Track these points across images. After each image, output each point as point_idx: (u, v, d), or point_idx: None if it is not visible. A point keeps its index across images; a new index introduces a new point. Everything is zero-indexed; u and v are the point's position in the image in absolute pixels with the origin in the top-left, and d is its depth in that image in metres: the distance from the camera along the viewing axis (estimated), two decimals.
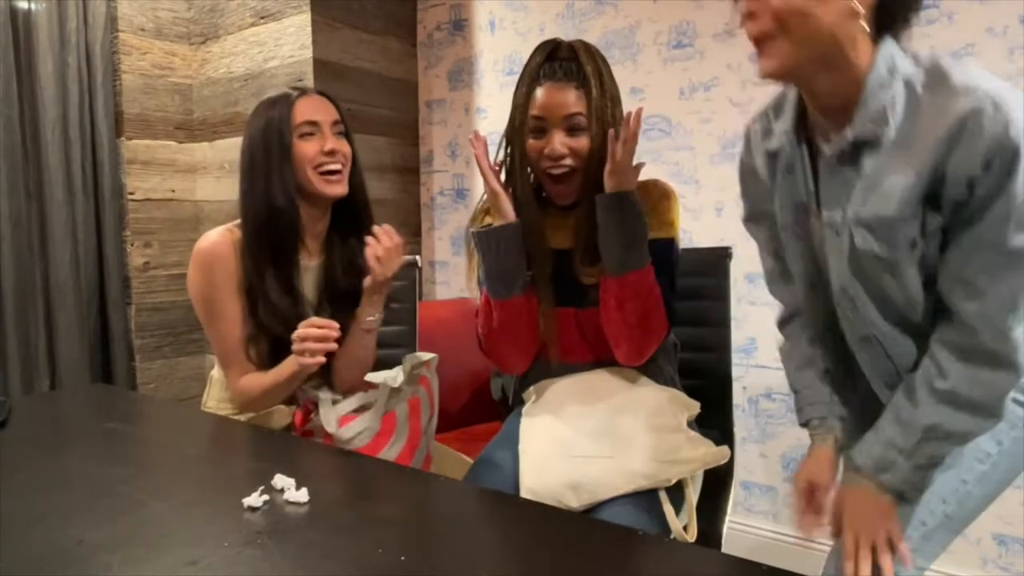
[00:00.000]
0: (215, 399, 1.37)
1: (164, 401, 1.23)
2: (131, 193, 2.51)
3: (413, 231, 2.80)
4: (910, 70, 0.82)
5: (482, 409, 2.06)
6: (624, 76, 2.24)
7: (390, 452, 1.32)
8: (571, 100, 1.20)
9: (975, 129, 0.75)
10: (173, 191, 2.63)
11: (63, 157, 2.34)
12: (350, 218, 1.37)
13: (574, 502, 1.08)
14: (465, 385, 2.13)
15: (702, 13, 2.10)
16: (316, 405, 1.30)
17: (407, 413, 1.39)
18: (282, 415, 1.31)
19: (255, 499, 0.76)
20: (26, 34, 2.27)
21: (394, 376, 1.45)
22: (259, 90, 2.45)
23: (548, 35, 2.40)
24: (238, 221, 1.33)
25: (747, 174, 1.05)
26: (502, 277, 1.26)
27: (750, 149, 1.03)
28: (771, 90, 0.99)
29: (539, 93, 1.22)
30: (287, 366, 1.23)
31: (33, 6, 2.28)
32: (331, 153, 1.28)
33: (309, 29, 2.35)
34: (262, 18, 2.47)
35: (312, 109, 1.28)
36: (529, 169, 1.28)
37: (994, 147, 0.74)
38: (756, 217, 1.06)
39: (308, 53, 2.36)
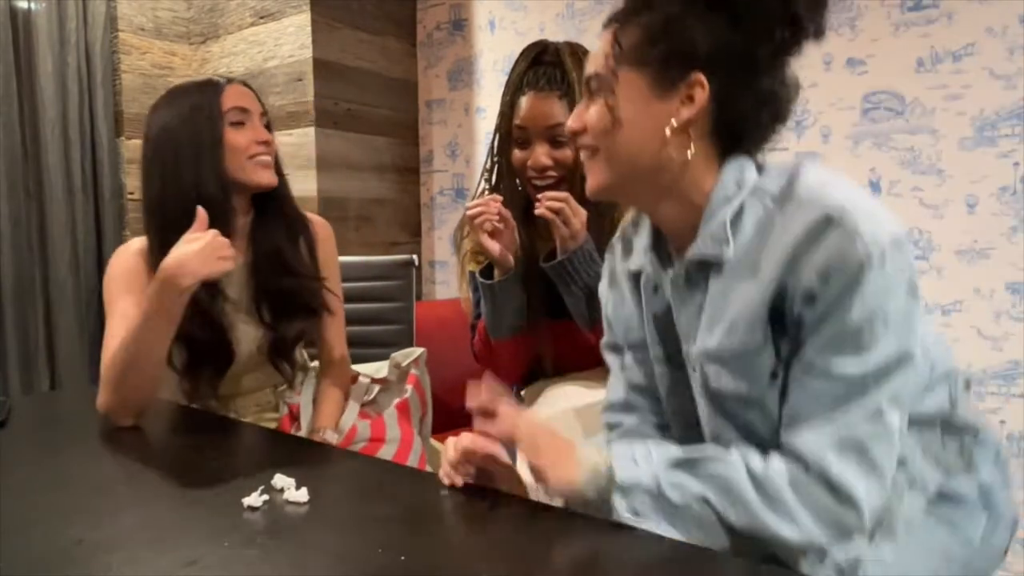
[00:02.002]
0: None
1: (164, 401, 1.23)
2: (131, 193, 2.51)
3: (413, 231, 2.80)
4: (764, 183, 0.73)
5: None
6: None
7: (383, 457, 1.32)
8: (554, 111, 1.18)
9: (818, 239, 0.66)
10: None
11: (63, 157, 2.34)
12: (274, 213, 1.28)
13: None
14: (464, 384, 2.13)
15: None
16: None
17: (395, 417, 1.38)
18: (268, 424, 1.31)
19: (255, 499, 0.76)
20: (26, 34, 2.27)
21: (377, 369, 1.44)
22: (259, 90, 2.43)
23: (548, 35, 2.41)
24: (137, 240, 1.23)
25: (610, 299, 0.93)
26: (498, 323, 1.26)
27: (613, 270, 0.93)
28: None
29: (522, 102, 1.20)
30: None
31: (33, 5, 2.28)
32: (266, 143, 1.22)
33: (309, 29, 2.35)
34: (262, 18, 2.47)
35: (241, 96, 1.22)
36: (517, 180, 1.26)
37: (835, 259, 0.65)
38: (615, 348, 0.93)
39: (308, 53, 2.36)
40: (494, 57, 2.58)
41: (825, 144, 1.91)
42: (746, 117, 0.74)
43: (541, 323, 1.28)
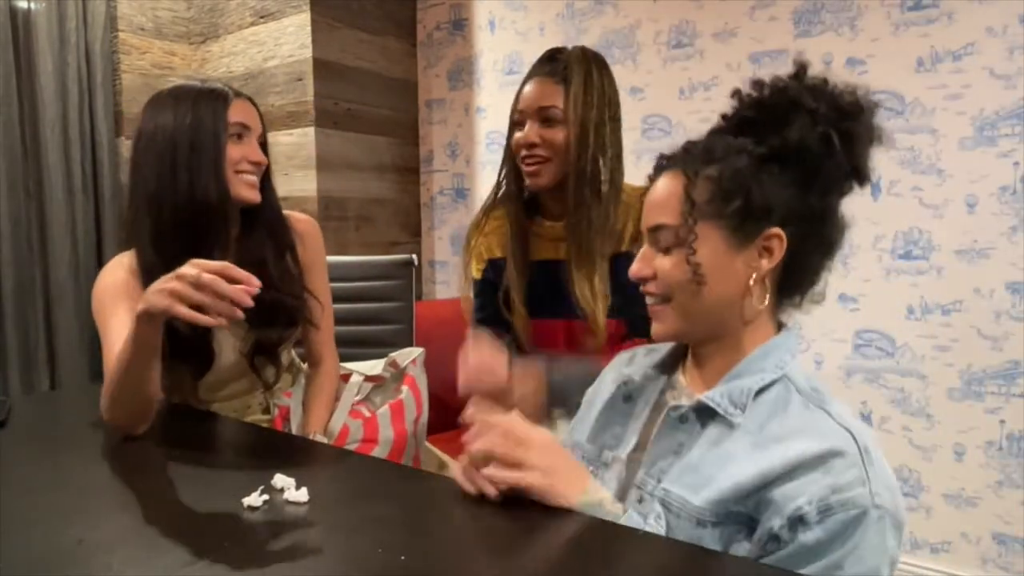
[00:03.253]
0: None
1: (163, 401, 1.23)
2: None
3: (413, 231, 2.80)
4: (796, 375, 0.74)
5: None
6: (624, 76, 2.24)
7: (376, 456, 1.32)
8: (547, 92, 1.21)
9: (830, 468, 0.65)
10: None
11: (63, 156, 2.34)
12: (260, 227, 1.28)
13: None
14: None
15: (702, 13, 2.10)
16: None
17: (389, 417, 1.38)
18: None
19: (255, 499, 0.76)
20: (25, 33, 2.27)
21: (372, 366, 1.43)
22: (259, 90, 2.45)
23: (548, 35, 2.41)
24: (127, 255, 1.21)
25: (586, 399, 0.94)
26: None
27: (608, 368, 0.95)
28: None
29: (523, 90, 1.24)
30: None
31: (33, 5, 2.28)
32: (257, 164, 1.22)
33: (309, 29, 2.34)
34: (262, 17, 2.47)
35: (246, 113, 1.23)
36: (522, 180, 1.28)
37: (839, 494, 0.63)
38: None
39: (308, 52, 2.36)
40: (494, 57, 2.58)
41: None
42: (811, 265, 0.77)
43: (525, 323, 1.29)
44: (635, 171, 1.36)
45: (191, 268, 0.90)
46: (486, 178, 2.64)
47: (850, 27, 1.87)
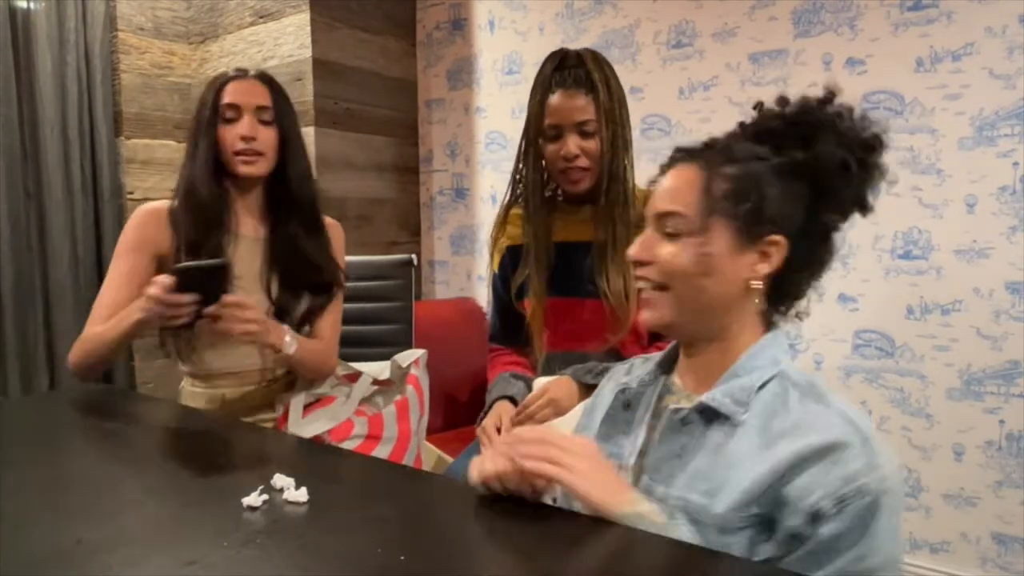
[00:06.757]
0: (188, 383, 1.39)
1: (163, 400, 1.23)
2: (130, 193, 2.51)
3: (412, 230, 2.80)
4: (790, 371, 0.76)
5: (481, 408, 2.06)
6: (624, 76, 2.21)
7: (379, 455, 1.32)
8: (582, 105, 1.28)
9: (838, 459, 0.67)
10: (172, 191, 2.63)
11: (62, 156, 2.34)
12: (287, 203, 1.36)
13: (545, 497, 1.11)
14: (464, 384, 2.13)
15: (701, 12, 2.10)
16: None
17: (395, 415, 1.39)
18: (264, 424, 1.32)
19: (254, 499, 0.76)
20: (25, 33, 2.27)
21: (380, 370, 1.44)
22: None
23: (547, 35, 2.41)
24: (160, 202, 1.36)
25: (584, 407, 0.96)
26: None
27: (606, 378, 0.96)
28: (772, 88, 0.99)
29: (552, 100, 1.30)
30: (132, 313, 1.18)
31: (32, 5, 2.28)
32: (246, 139, 1.28)
33: (308, 28, 2.34)
34: (261, 17, 2.47)
35: (237, 93, 1.30)
36: (544, 174, 1.37)
37: (850, 484, 0.65)
38: None
39: (307, 52, 2.36)
40: (494, 57, 2.58)
41: None
42: (800, 280, 0.80)
43: (541, 303, 1.36)
44: (635, 171, 1.36)
45: (150, 289, 1.09)
46: (486, 178, 2.64)
47: (850, 27, 1.87)
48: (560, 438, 0.76)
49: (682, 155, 0.81)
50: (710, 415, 0.75)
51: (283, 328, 1.27)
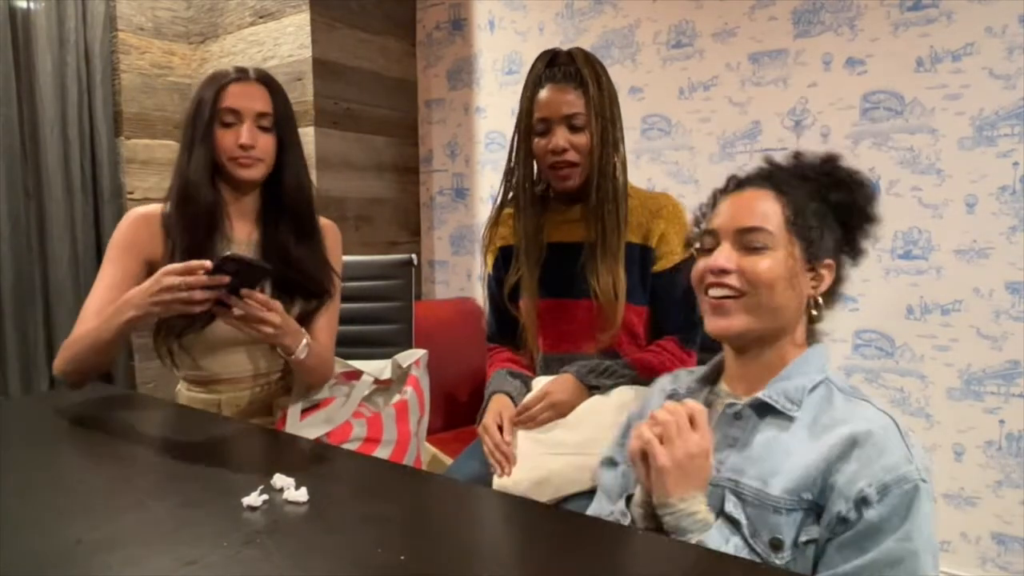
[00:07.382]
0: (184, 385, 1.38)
1: (163, 400, 1.23)
2: (130, 193, 2.51)
3: (412, 230, 2.80)
4: (834, 377, 0.85)
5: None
6: (623, 76, 2.24)
7: (379, 456, 1.32)
8: (570, 99, 1.27)
9: (877, 445, 0.74)
10: (165, 193, 2.63)
11: (62, 156, 2.34)
12: (282, 208, 1.34)
13: (541, 498, 1.12)
14: (464, 384, 2.13)
15: (701, 12, 2.10)
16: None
17: (394, 417, 1.39)
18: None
19: (254, 499, 0.76)
20: (25, 33, 2.27)
21: (381, 369, 1.44)
22: None
23: (547, 34, 2.41)
24: (150, 206, 1.36)
25: (630, 421, 1.01)
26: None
27: (654, 385, 1.03)
28: (772, 88, 1.00)
29: (542, 95, 1.29)
30: (124, 310, 1.13)
31: (32, 5, 2.28)
32: (244, 148, 1.27)
33: (308, 28, 2.34)
34: (261, 17, 2.47)
35: (237, 97, 1.27)
36: (535, 169, 1.35)
37: (892, 473, 0.73)
38: (613, 462, 1.00)
39: (307, 52, 2.36)
40: (493, 57, 2.58)
41: (824, 144, 1.90)
42: (836, 299, 0.90)
43: (533, 304, 1.35)
44: (635, 171, 1.36)
45: (165, 278, 1.06)
46: (486, 178, 2.64)
47: (850, 27, 1.87)
48: (688, 428, 0.80)
49: (752, 180, 0.90)
50: (763, 411, 0.83)
51: (302, 332, 1.25)
